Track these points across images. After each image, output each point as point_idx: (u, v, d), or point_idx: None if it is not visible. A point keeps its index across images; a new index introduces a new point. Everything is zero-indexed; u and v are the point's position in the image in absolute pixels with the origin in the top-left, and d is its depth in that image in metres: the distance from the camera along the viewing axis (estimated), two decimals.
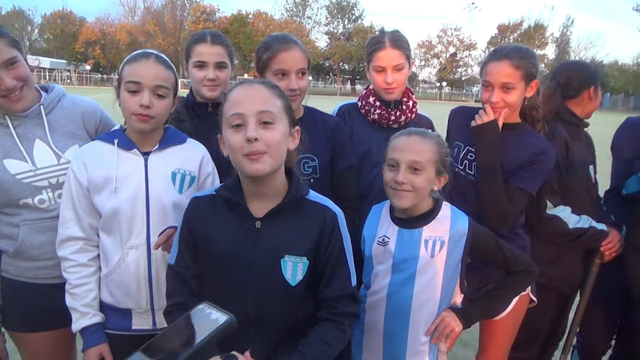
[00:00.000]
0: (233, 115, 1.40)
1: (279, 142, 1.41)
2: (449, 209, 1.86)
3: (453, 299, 1.87)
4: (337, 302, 1.51)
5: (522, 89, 2.19)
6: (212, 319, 0.86)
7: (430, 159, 1.79)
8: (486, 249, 1.86)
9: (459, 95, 65.90)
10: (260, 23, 65.94)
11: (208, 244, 1.48)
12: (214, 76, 2.22)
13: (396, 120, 2.36)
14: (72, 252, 1.79)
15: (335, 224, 1.52)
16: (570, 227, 2.37)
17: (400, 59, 2.30)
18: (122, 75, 1.75)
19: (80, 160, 1.79)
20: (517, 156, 2.19)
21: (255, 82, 1.49)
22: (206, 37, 2.26)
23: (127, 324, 1.84)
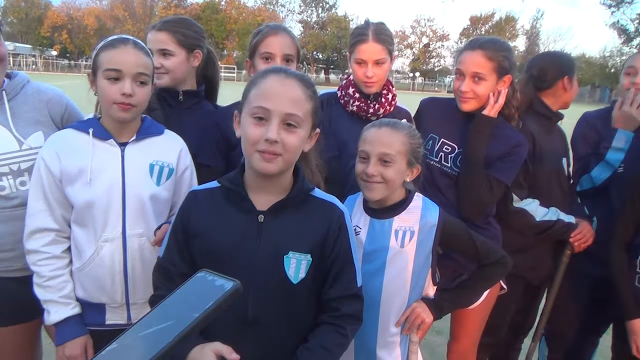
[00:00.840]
0: (258, 107, 1.33)
1: (297, 146, 1.37)
2: (420, 199, 1.85)
3: (425, 290, 1.86)
4: (340, 302, 1.46)
5: (493, 82, 2.19)
6: (217, 285, 0.81)
7: (400, 151, 1.77)
8: (457, 240, 1.86)
9: (431, 85, 66.55)
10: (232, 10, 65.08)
11: (206, 239, 1.41)
12: (158, 64, 2.12)
13: (374, 113, 2.33)
14: (43, 244, 1.71)
15: (342, 222, 1.47)
16: (537, 219, 2.39)
17: (382, 53, 2.26)
18: (99, 62, 1.67)
19: (52, 149, 1.70)
20: (494, 149, 2.20)
21: (292, 75, 1.38)
22: (157, 24, 2.21)
23: (100, 319, 1.78)
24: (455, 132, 2.29)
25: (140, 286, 1.75)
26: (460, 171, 2.24)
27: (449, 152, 2.28)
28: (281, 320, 1.41)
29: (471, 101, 2.22)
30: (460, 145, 2.26)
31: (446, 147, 2.29)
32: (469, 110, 2.24)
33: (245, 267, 1.37)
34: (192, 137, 2.02)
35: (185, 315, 0.76)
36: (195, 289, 0.82)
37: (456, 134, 2.28)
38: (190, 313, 0.76)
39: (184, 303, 0.80)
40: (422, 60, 66.71)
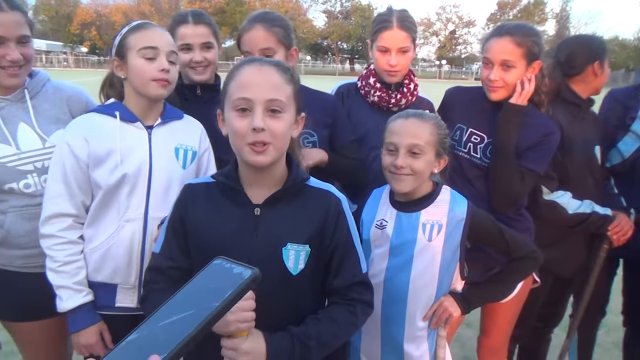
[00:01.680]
0: (240, 98, 1.32)
1: (284, 132, 1.35)
2: (448, 192, 1.82)
3: (453, 285, 1.83)
4: (348, 289, 1.44)
5: (522, 69, 2.12)
6: (235, 273, 0.80)
7: (429, 142, 1.74)
8: (486, 233, 1.82)
9: (458, 73, 65.45)
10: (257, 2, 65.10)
11: (203, 233, 1.41)
12: (201, 58, 2.15)
13: (396, 103, 2.29)
14: (60, 229, 1.72)
15: (340, 209, 1.45)
16: (570, 212, 2.32)
17: (407, 41, 2.22)
18: (129, 44, 1.71)
19: (79, 134, 1.71)
20: (525, 138, 2.13)
21: (266, 63, 1.39)
22: (188, 18, 2.16)
23: (110, 301, 1.78)
24: (483, 121, 2.22)
25: None
26: (490, 162, 2.18)
27: (477, 143, 2.23)
28: (283, 312, 1.40)
29: (501, 90, 2.15)
30: (489, 135, 2.20)
31: (475, 137, 2.23)
32: (499, 99, 2.17)
33: (243, 260, 1.35)
34: (209, 131, 2.03)
35: (205, 304, 0.74)
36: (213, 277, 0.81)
37: (485, 124, 2.22)
38: (210, 302, 0.74)
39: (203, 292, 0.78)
40: (448, 48, 65.65)
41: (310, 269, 1.41)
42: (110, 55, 1.81)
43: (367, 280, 1.50)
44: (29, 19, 1.85)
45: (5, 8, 1.74)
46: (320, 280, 1.47)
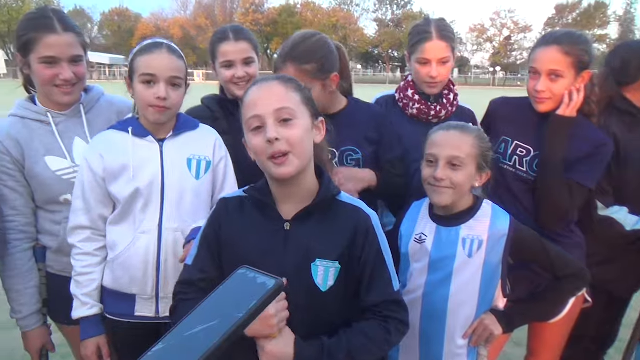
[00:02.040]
0: (251, 118, 1.36)
1: (301, 138, 1.35)
2: (489, 207, 1.77)
3: (495, 302, 1.77)
4: (379, 307, 1.41)
5: (571, 79, 2.02)
6: (259, 283, 0.80)
7: (470, 154, 1.70)
8: (529, 250, 1.75)
9: (514, 80, 63.52)
10: (308, 12, 66.04)
11: (236, 247, 1.42)
12: (243, 73, 2.19)
13: (436, 115, 2.25)
14: (79, 240, 1.81)
15: (369, 226, 1.43)
16: (628, 229, 2.19)
17: (447, 51, 2.18)
18: (135, 67, 1.75)
19: (95, 150, 1.80)
20: (574, 150, 2.03)
21: (269, 79, 1.42)
22: (228, 35, 2.21)
23: (130, 310, 1.83)
24: (530, 133, 2.14)
25: (172, 280, 1.75)
26: (537, 176, 2.09)
27: (523, 156, 2.14)
28: (312, 328, 1.38)
29: (548, 102, 2.06)
30: (535, 147, 2.11)
31: (520, 150, 2.15)
32: (546, 111, 2.08)
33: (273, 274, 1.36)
34: None
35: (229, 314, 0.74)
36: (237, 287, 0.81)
37: (531, 136, 2.13)
38: (234, 312, 0.74)
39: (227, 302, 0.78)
40: (502, 54, 63.88)
41: (340, 286, 1.40)
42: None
43: (400, 299, 1.47)
44: (83, 39, 1.94)
45: (59, 30, 1.83)
46: (351, 298, 1.45)
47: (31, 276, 1.95)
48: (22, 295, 1.93)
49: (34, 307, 1.96)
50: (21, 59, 1.89)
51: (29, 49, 1.83)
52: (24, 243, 1.93)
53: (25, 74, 1.96)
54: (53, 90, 1.88)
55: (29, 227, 1.94)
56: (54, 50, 1.82)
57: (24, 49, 1.85)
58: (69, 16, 1.95)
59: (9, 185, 1.88)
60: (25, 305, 1.94)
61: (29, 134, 1.90)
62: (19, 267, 1.92)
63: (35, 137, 1.90)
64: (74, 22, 1.95)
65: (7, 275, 1.93)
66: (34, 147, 1.89)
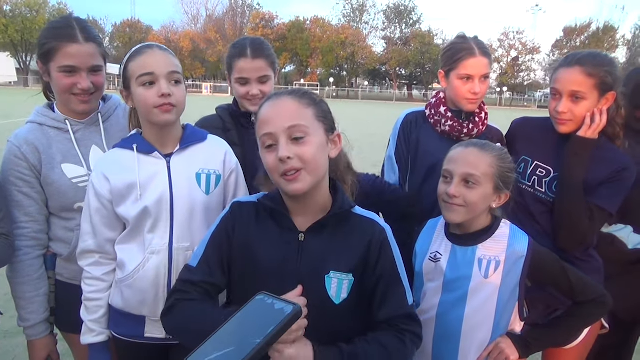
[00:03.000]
0: (264, 135, 1.34)
1: (314, 155, 1.33)
2: (508, 227, 1.73)
3: (511, 325, 1.73)
4: (394, 321, 1.40)
5: (594, 100, 1.98)
6: (277, 309, 0.80)
7: (486, 173, 1.67)
8: (548, 274, 1.71)
9: (520, 100, 63.61)
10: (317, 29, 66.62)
11: (248, 252, 1.40)
12: (258, 92, 2.17)
13: (468, 133, 2.22)
14: (87, 264, 1.79)
15: (384, 239, 1.42)
16: (630, 247, 2.16)
17: (488, 67, 2.18)
18: (130, 73, 1.68)
19: (100, 172, 1.73)
20: (597, 173, 1.99)
21: (282, 94, 1.39)
22: (246, 52, 2.18)
23: (139, 332, 1.79)
24: (550, 154, 2.11)
25: None
26: (556, 197, 2.05)
27: (543, 176, 2.11)
28: (325, 340, 1.34)
29: (569, 123, 2.02)
30: (555, 168, 2.07)
31: (540, 171, 2.12)
32: (567, 132, 2.05)
33: (286, 286, 1.33)
34: None
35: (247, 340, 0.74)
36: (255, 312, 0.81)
37: (551, 156, 2.10)
38: (252, 338, 0.74)
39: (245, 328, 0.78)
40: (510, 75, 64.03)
41: (353, 299, 1.38)
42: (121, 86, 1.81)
43: (414, 313, 1.45)
44: (104, 49, 1.94)
45: (81, 40, 1.83)
46: (364, 312, 1.43)
47: (41, 284, 1.93)
48: (30, 303, 1.91)
49: (42, 315, 1.93)
50: (42, 67, 1.90)
51: (50, 57, 1.84)
52: (35, 250, 1.91)
53: (45, 81, 1.97)
54: (71, 98, 1.88)
55: (41, 235, 1.93)
56: (74, 59, 1.83)
57: (44, 56, 1.85)
58: (91, 27, 1.95)
59: (23, 191, 1.87)
60: (34, 314, 1.91)
61: (47, 141, 1.90)
62: (29, 274, 1.90)
63: (53, 144, 1.90)
64: (96, 32, 1.95)
65: (16, 282, 1.91)
66: (51, 154, 1.89)
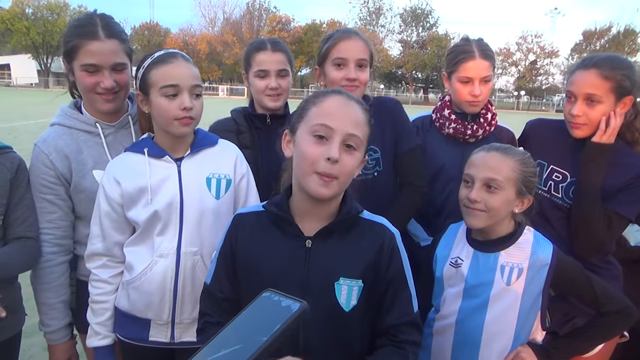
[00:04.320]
0: (321, 125, 1.30)
1: (353, 170, 1.33)
2: (531, 234, 1.70)
3: (532, 334, 1.69)
4: (397, 329, 1.38)
5: (609, 105, 1.93)
6: (283, 306, 0.79)
7: (509, 178, 1.64)
8: (573, 282, 1.68)
9: (538, 104, 62.93)
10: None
11: (254, 264, 1.38)
12: (276, 84, 2.16)
13: (473, 134, 2.21)
14: (95, 266, 1.79)
15: (394, 244, 1.40)
16: (632, 244, 2.12)
17: (489, 70, 2.16)
18: (152, 80, 1.66)
19: (111, 175, 1.73)
20: (615, 178, 1.95)
21: (353, 99, 1.37)
22: (266, 45, 2.19)
23: (144, 335, 1.78)
24: (566, 158, 2.07)
25: (188, 306, 1.74)
26: (573, 204, 2.01)
27: (559, 181, 2.07)
28: (334, 348, 1.35)
29: (584, 127, 1.98)
30: (572, 173, 2.03)
31: (556, 175, 2.08)
32: (581, 137, 2.00)
33: (295, 293, 1.30)
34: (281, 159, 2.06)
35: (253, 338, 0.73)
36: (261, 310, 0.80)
37: (568, 161, 2.06)
38: (258, 336, 0.73)
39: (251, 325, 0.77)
40: (528, 79, 63.32)
41: (363, 305, 1.36)
42: (135, 87, 1.80)
43: (418, 321, 1.43)
44: (128, 46, 1.88)
45: (102, 37, 1.79)
46: (372, 319, 1.41)
47: (63, 290, 1.92)
48: (52, 309, 1.90)
49: (63, 321, 1.92)
50: (66, 65, 1.88)
51: (73, 55, 1.81)
52: (59, 256, 1.89)
53: (71, 80, 1.94)
54: (95, 97, 1.85)
55: (63, 241, 1.90)
56: (95, 57, 1.79)
57: (68, 55, 1.83)
58: (116, 22, 1.89)
59: (47, 198, 1.85)
60: (55, 320, 1.90)
61: (77, 147, 1.87)
62: (51, 280, 1.88)
63: (84, 149, 1.87)
64: (121, 28, 1.88)
65: (39, 287, 1.90)
66: (81, 160, 1.86)
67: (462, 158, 2.17)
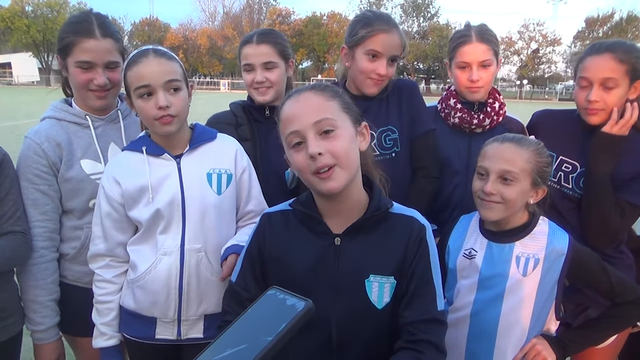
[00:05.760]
0: (290, 134, 1.28)
1: (346, 149, 1.27)
2: (546, 224, 1.69)
3: (547, 325, 1.68)
4: (416, 327, 1.29)
5: (625, 88, 1.91)
6: (288, 305, 0.78)
7: (524, 169, 1.62)
8: (589, 273, 1.66)
9: (540, 93, 62.50)
10: (334, 24, 66.36)
11: (283, 264, 1.36)
12: (262, 78, 2.11)
13: (479, 124, 2.16)
14: (98, 267, 1.78)
15: (423, 236, 1.34)
16: (639, 234, 2.09)
17: (488, 54, 2.09)
18: (128, 83, 1.66)
19: (110, 176, 1.72)
20: (627, 167, 1.92)
21: (303, 90, 1.34)
22: (252, 38, 2.15)
23: (150, 333, 1.76)
24: (576, 148, 2.03)
25: (194, 303, 1.73)
26: (583, 195, 1.98)
27: (569, 172, 2.04)
28: (368, 346, 1.33)
29: (601, 113, 1.94)
30: (582, 163, 2.01)
31: (566, 166, 2.05)
32: (598, 123, 1.96)
33: (325, 292, 1.30)
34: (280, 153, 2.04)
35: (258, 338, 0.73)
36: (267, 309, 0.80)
37: (577, 151, 2.03)
38: (263, 336, 0.73)
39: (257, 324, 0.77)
40: (530, 67, 62.96)
41: (396, 302, 1.33)
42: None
43: (442, 319, 1.34)
44: (121, 45, 1.91)
45: (98, 35, 1.81)
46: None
47: (55, 288, 1.89)
48: (44, 307, 1.86)
49: (54, 319, 1.89)
50: (60, 61, 1.90)
51: (67, 51, 1.84)
52: (51, 252, 1.87)
53: (64, 76, 1.96)
54: (88, 94, 1.88)
55: (55, 235, 1.89)
56: (90, 55, 1.82)
57: (63, 51, 1.86)
58: (110, 22, 1.93)
59: (41, 189, 1.83)
60: (47, 318, 1.87)
61: (68, 137, 1.89)
62: (44, 277, 1.85)
63: (73, 140, 1.90)
64: (115, 28, 1.93)
65: (29, 285, 1.85)
66: (72, 150, 1.88)
67: (469, 150, 2.15)
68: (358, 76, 2.08)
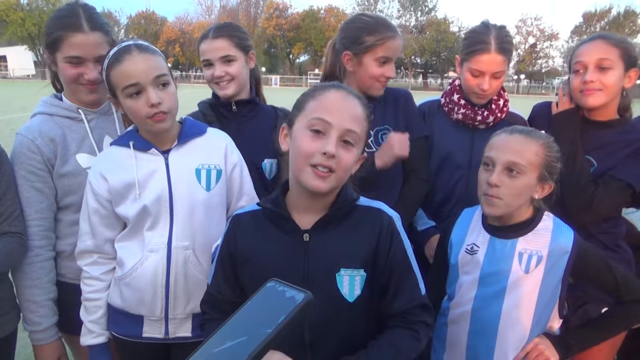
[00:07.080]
0: (318, 119, 1.27)
1: (350, 165, 1.31)
2: (551, 220, 1.66)
3: (549, 323, 1.66)
4: (408, 313, 1.36)
5: (620, 72, 1.91)
6: (288, 297, 0.78)
7: (532, 162, 1.59)
8: (594, 271, 1.63)
9: (538, 88, 62.52)
10: (331, 18, 66.11)
11: (255, 265, 1.36)
12: (221, 72, 2.08)
13: (483, 121, 2.15)
14: (86, 264, 1.75)
15: (393, 228, 1.36)
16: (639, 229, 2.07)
17: (503, 65, 2.07)
18: (113, 82, 1.60)
19: (97, 171, 1.69)
20: (622, 154, 1.92)
21: (352, 92, 1.35)
22: (208, 33, 2.13)
23: (137, 331, 1.74)
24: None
25: (182, 301, 1.70)
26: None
27: None
28: (340, 341, 1.33)
29: (598, 94, 1.92)
30: None
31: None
32: (596, 105, 1.95)
33: None
34: (254, 145, 2.01)
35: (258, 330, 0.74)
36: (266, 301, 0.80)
37: None
38: (263, 328, 0.73)
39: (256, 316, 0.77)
40: (527, 62, 62.90)
41: (367, 294, 1.34)
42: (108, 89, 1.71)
43: (427, 302, 1.40)
44: (111, 38, 1.85)
45: (86, 29, 1.77)
46: (376, 306, 1.39)
47: (52, 287, 1.85)
48: (41, 306, 1.82)
49: (52, 319, 1.85)
50: (49, 56, 1.85)
51: (55, 47, 1.79)
52: (47, 251, 1.83)
53: (53, 71, 1.92)
54: (79, 88, 1.83)
55: (51, 233, 1.85)
56: (79, 50, 1.76)
57: (50, 46, 1.81)
58: (99, 14, 1.87)
59: (36, 186, 1.79)
60: (44, 317, 1.82)
61: (62, 132, 1.84)
62: (40, 276, 1.81)
63: (67, 135, 1.85)
64: (104, 19, 1.88)
65: (25, 284, 1.81)
66: (66, 145, 1.83)
67: (471, 144, 2.15)
68: (367, 80, 2.08)
